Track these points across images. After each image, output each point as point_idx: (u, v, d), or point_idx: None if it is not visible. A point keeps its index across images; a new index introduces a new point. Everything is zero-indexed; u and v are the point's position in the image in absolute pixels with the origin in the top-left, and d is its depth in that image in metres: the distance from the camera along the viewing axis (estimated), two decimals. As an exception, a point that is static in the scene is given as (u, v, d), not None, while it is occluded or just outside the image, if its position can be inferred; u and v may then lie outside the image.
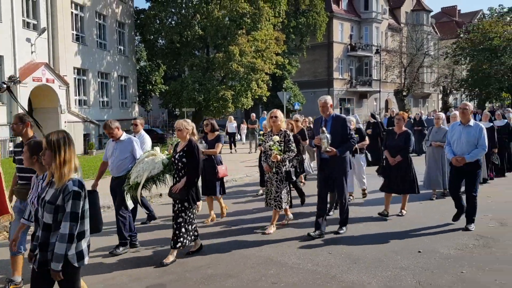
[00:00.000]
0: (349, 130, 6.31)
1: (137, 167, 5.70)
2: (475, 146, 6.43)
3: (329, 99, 6.40)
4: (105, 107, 26.02)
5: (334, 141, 6.12)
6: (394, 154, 7.38)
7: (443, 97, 51.44)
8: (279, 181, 6.64)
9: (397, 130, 7.57)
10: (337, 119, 6.35)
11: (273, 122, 6.65)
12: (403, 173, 7.35)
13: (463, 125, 6.59)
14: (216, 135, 7.54)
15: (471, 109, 6.66)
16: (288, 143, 6.55)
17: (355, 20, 43.85)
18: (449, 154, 6.70)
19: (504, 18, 46.80)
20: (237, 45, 25.35)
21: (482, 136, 6.42)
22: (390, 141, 7.57)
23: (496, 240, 6.02)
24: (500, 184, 10.55)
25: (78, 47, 23.26)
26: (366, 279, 4.77)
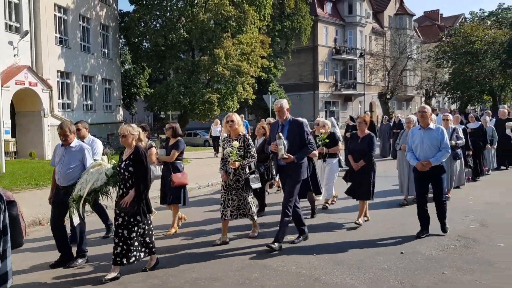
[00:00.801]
0: (307, 135, 6.03)
1: (82, 178, 5.25)
2: (439, 149, 6.27)
3: (285, 103, 6.13)
4: (89, 110, 25.78)
5: (292, 147, 5.86)
6: (357, 158, 7.16)
7: (426, 100, 52.09)
8: (241, 189, 6.29)
9: (360, 133, 7.32)
10: (294, 124, 6.06)
11: (230, 127, 6.29)
12: (363, 177, 7.12)
13: (423, 129, 6.42)
14: (176, 141, 7.09)
15: (429, 112, 6.48)
16: (248, 148, 6.23)
17: (340, 23, 44.23)
18: (412, 160, 6.42)
19: (485, 22, 47.66)
20: (222, 48, 25.38)
21: (444, 138, 6.30)
22: (353, 145, 7.36)
23: (477, 241, 6.12)
24: (480, 185, 10.73)
25: (61, 50, 23.03)
26: (349, 280, 4.82)
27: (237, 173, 6.25)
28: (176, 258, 5.75)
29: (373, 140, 7.14)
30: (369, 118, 8.99)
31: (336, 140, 8.45)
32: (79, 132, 6.57)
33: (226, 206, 6.28)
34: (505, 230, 6.64)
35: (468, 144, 10.29)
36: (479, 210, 8.06)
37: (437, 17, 64.05)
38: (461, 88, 43.84)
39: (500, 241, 6.07)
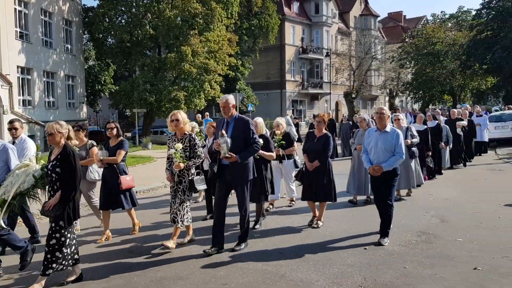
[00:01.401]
0: (253, 133, 5.67)
1: (6, 181, 4.88)
2: (393, 154, 5.96)
3: (231, 99, 5.74)
4: (51, 107, 25.06)
5: (236, 145, 5.50)
6: (312, 158, 6.85)
7: (389, 99, 53.39)
8: (181, 191, 5.92)
9: (317, 133, 7.00)
10: (239, 121, 5.70)
11: (175, 126, 5.92)
12: (320, 179, 6.81)
13: (379, 131, 6.09)
14: (119, 141, 6.63)
15: (388, 113, 6.15)
16: (194, 148, 5.91)
17: (306, 23, 44.66)
18: (366, 163, 6.16)
19: (446, 24, 49.22)
20: (189, 45, 25.18)
21: (399, 142, 5.96)
22: (309, 145, 7.04)
23: (437, 236, 6.32)
24: (441, 183, 11.07)
25: (22, 45, 22.26)
26: (315, 276, 4.88)
27: (181, 174, 5.93)
28: (140, 259, 5.67)
29: (329, 140, 6.89)
30: (328, 117, 8.91)
31: (291, 140, 8.08)
32: (16, 131, 6.27)
33: (172, 211, 6.00)
34: (463, 225, 6.88)
35: (428, 144, 10.15)
36: (439, 206, 8.31)
37: (400, 18, 65.65)
38: (423, 88, 45.24)
39: (459, 236, 6.29)
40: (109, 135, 6.66)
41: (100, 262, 5.58)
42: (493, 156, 16.11)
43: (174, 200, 5.95)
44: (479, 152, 16.25)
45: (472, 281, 4.63)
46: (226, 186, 5.78)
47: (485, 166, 13.66)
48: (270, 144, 6.99)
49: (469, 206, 8.23)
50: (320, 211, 7.02)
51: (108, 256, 5.83)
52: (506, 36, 35.26)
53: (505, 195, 9.04)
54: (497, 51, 35.46)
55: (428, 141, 10.19)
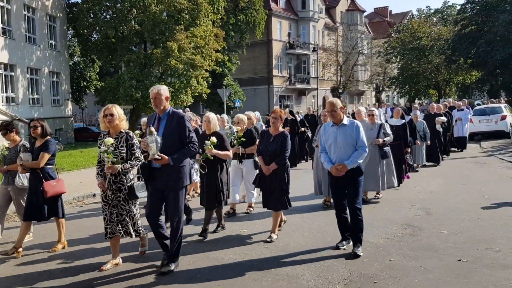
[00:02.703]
0: (189, 131, 4.87)
1: None
2: (355, 148, 5.37)
3: (163, 89, 4.91)
4: (35, 104, 24.73)
5: (168, 145, 4.74)
6: (268, 161, 5.98)
7: (376, 94, 53.74)
8: (123, 200, 5.08)
9: (272, 131, 6.10)
10: (173, 117, 4.89)
11: (109, 122, 5.00)
12: (274, 184, 5.98)
13: (336, 125, 5.44)
14: (44, 141, 5.79)
15: (340, 105, 5.42)
16: (132, 149, 5.06)
17: (293, 18, 44.65)
18: (326, 163, 5.44)
19: (431, 19, 49.63)
20: (175, 41, 24.99)
21: (360, 134, 5.36)
22: (264, 145, 6.11)
23: (422, 229, 6.37)
24: (426, 175, 11.17)
25: (4, 41, 21.90)
26: (300, 271, 4.88)
27: (119, 180, 5.05)
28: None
29: (287, 140, 6.00)
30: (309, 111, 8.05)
31: (254, 137, 7.22)
32: None
33: (109, 222, 5.10)
34: (448, 217, 6.95)
35: (407, 140, 9.53)
36: (424, 199, 8.39)
37: (386, 13, 65.97)
38: (409, 83, 45.64)
39: (444, 228, 6.35)
40: (33, 135, 5.82)
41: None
42: (478, 149, 16.30)
43: (113, 211, 5.07)
44: (459, 148, 15.80)
45: (456, 273, 4.67)
46: (157, 194, 4.92)
47: (470, 159, 13.81)
48: (225, 142, 6.34)
49: (453, 199, 8.31)
50: (273, 222, 6.11)
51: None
52: (490, 31, 35.66)
53: (489, 188, 9.16)
54: (481, 46, 35.85)
55: (407, 137, 9.51)
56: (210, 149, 6.00)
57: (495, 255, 5.17)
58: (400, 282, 4.50)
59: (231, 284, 4.61)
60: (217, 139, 6.07)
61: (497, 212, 7.17)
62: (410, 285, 4.43)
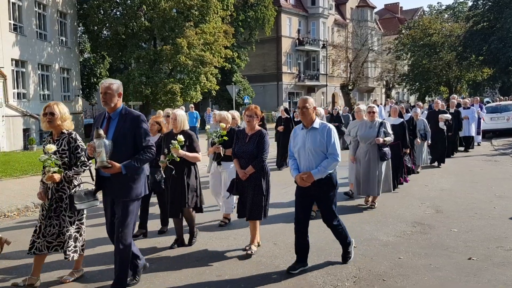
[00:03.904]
0: (145, 134, 4.17)
1: None
2: (325, 156, 4.68)
3: (116, 85, 4.18)
4: (46, 100, 24.87)
5: (119, 150, 4.03)
6: (244, 164, 5.36)
7: (386, 91, 53.38)
8: (64, 211, 4.46)
9: (248, 130, 5.47)
10: (126, 118, 4.16)
11: (49, 122, 4.45)
12: (253, 190, 5.33)
13: (306, 128, 4.77)
14: None
15: (313, 105, 4.75)
16: (76, 152, 4.48)
17: (303, 15, 44.47)
18: (293, 170, 4.81)
19: (442, 15, 49.18)
20: (185, 37, 25.03)
21: (332, 140, 4.64)
22: (239, 146, 5.47)
23: (432, 227, 6.33)
24: (436, 173, 11.09)
25: (16, 38, 22.07)
26: (308, 268, 4.87)
27: (61, 188, 4.46)
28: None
29: (264, 139, 5.37)
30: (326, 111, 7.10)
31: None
32: None
33: (40, 236, 4.42)
34: (458, 216, 6.90)
35: (406, 141, 8.84)
36: (434, 197, 8.33)
37: (397, 10, 65.46)
38: (420, 80, 45.27)
39: (454, 226, 6.30)
40: None
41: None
42: (489, 147, 16.15)
43: (50, 223, 4.44)
44: (465, 147, 15.05)
45: (466, 271, 4.64)
46: (111, 206, 4.25)
47: (481, 157, 13.68)
48: (195, 143, 5.66)
49: (464, 197, 8.25)
50: (252, 233, 5.49)
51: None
52: (502, 27, 35.24)
53: (500, 186, 9.07)
54: (493, 42, 35.44)
55: (405, 136, 8.82)
56: (176, 149, 5.34)
57: (506, 254, 5.13)
58: (409, 280, 4.48)
59: (238, 281, 4.62)
60: (185, 138, 5.47)
61: (508, 210, 7.10)
62: (419, 283, 4.41)
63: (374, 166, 7.44)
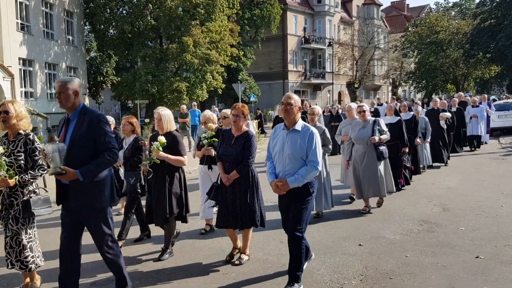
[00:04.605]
0: (106, 136, 3.72)
1: None
2: (304, 163, 4.17)
3: (71, 83, 3.73)
4: (53, 99, 25.03)
5: (77, 155, 3.64)
6: (229, 167, 4.86)
7: (392, 89, 53.19)
8: (13, 219, 4.11)
9: (234, 131, 4.97)
10: (86, 118, 3.74)
11: (3, 122, 4.13)
12: (241, 196, 4.85)
13: (287, 129, 4.28)
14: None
15: (298, 104, 4.28)
16: (34, 155, 4.15)
17: (309, 13, 44.36)
18: (269, 175, 4.35)
19: (449, 13, 48.86)
20: (191, 36, 25.07)
21: (313, 146, 4.14)
22: (223, 148, 4.97)
23: (439, 225, 6.31)
24: (443, 171, 11.04)
25: (23, 37, 22.21)
26: (315, 266, 4.88)
27: (13, 192, 4.12)
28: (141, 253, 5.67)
29: (252, 141, 4.89)
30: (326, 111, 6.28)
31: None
32: None
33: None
34: (465, 214, 6.87)
35: (404, 140, 8.40)
36: (441, 195, 8.30)
37: (403, 7, 65.11)
38: (426, 78, 45.03)
39: (461, 224, 6.28)
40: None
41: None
42: (496, 145, 16.05)
43: (5, 232, 4.15)
44: (472, 147, 14.74)
45: (474, 270, 4.63)
46: (69, 217, 3.78)
47: (488, 155, 13.60)
48: (180, 145, 5.20)
49: (471, 195, 8.21)
50: (244, 241, 5.12)
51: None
52: (510, 24, 34.98)
53: (508, 184, 9.02)
54: (501, 40, 35.19)
55: (403, 135, 8.39)
56: (157, 151, 4.96)
57: (513, 252, 5.11)
58: (416, 278, 4.47)
59: (245, 279, 4.62)
60: (168, 140, 5.05)
61: (516, 209, 7.07)
62: (427, 281, 4.40)
63: (375, 167, 7.10)
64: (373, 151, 7.10)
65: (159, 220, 5.19)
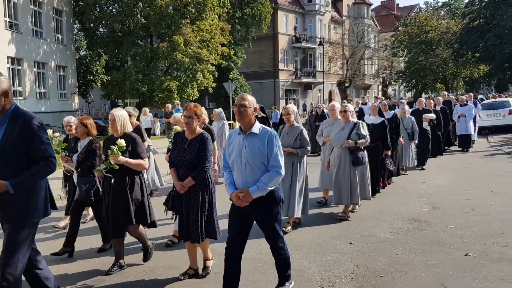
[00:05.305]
0: (41, 142, 3.32)
1: None
2: (266, 169, 3.76)
3: (1, 84, 3.32)
4: (42, 98, 24.84)
5: (7, 163, 3.25)
6: (183, 174, 4.42)
7: (382, 88, 53.49)
8: None
9: (187, 134, 4.53)
10: (16, 121, 3.30)
11: None
12: (191, 206, 4.43)
13: (243, 133, 3.84)
14: None
15: (253, 105, 3.86)
16: None
17: (299, 12, 44.44)
18: (228, 186, 3.91)
19: (438, 12, 49.25)
20: (181, 34, 25.02)
21: (274, 150, 3.74)
22: (176, 153, 4.53)
23: (429, 223, 6.36)
24: (433, 170, 11.12)
25: (11, 35, 21.99)
26: (307, 264, 4.90)
27: None
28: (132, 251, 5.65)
29: (207, 144, 4.44)
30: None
31: None
32: None
33: None
34: (455, 212, 6.92)
35: (387, 141, 7.98)
36: (431, 193, 8.36)
37: (393, 7, 65.49)
38: (416, 77, 45.41)
39: (451, 222, 6.33)
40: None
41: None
42: (485, 144, 16.20)
43: None
44: (464, 147, 14.42)
45: (463, 267, 4.67)
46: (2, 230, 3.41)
47: (477, 154, 13.73)
48: (140, 148, 4.80)
49: (460, 193, 8.28)
50: (203, 250, 4.76)
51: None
52: (498, 24, 35.34)
53: (496, 182, 9.11)
54: (490, 39, 35.55)
55: (387, 137, 7.96)
56: (115, 156, 4.53)
57: (502, 250, 5.16)
58: (407, 276, 4.50)
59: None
60: (128, 142, 4.67)
61: (505, 207, 7.14)
62: (417, 279, 4.43)
63: (346, 172, 6.61)
64: (347, 155, 6.61)
65: (117, 231, 4.73)
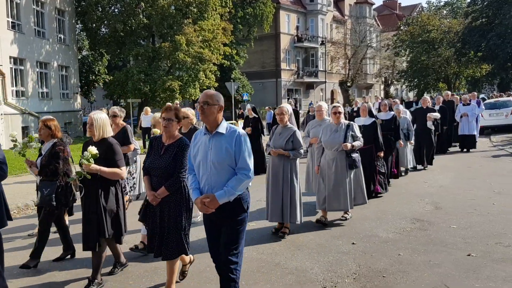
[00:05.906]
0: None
1: None
2: (234, 172, 3.41)
3: None
4: (44, 98, 24.89)
5: None
6: (157, 183, 4.10)
7: (384, 87, 53.44)
8: None
9: (164, 139, 4.18)
10: None
11: None
12: (169, 219, 4.10)
13: (209, 133, 3.47)
14: None
15: (219, 103, 3.45)
16: None
17: (301, 11, 44.41)
18: (193, 191, 3.53)
19: (441, 12, 49.15)
20: (183, 34, 25.03)
21: (241, 151, 3.39)
22: (151, 160, 4.19)
23: (431, 223, 6.35)
24: (435, 170, 11.11)
25: (14, 35, 22.03)
26: (309, 264, 4.90)
27: None
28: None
29: (184, 151, 4.06)
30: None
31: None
32: None
33: None
34: (457, 212, 6.92)
35: (379, 143, 7.79)
36: (433, 193, 8.35)
37: (395, 6, 65.42)
38: (418, 76, 45.33)
39: (453, 222, 6.32)
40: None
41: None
42: (488, 143, 16.17)
43: None
44: (466, 148, 14.22)
45: (466, 267, 4.67)
46: None
47: (480, 153, 13.70)
48: (116, 155, 4.45)
49: (463, 193, 8.27)
50: (168, 275, 4.23)
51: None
52: (501, 23, 35.25)
53: (499, 182, 9.10)
54: (492, 39, 35.46)
55: (378, 138, 7.78)
56: (88, 164, 4.19)
57: (505, 250, 5.15)
58: (409, 276, 4.51)
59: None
60: (102, 149, 4.33)
61: (507, 207, 7.13)
62: (419, 279, 4.43)
63: (344, 177, 6.37)
64: (343, 159, 6.37)
65: (89, 243, 4.37)
